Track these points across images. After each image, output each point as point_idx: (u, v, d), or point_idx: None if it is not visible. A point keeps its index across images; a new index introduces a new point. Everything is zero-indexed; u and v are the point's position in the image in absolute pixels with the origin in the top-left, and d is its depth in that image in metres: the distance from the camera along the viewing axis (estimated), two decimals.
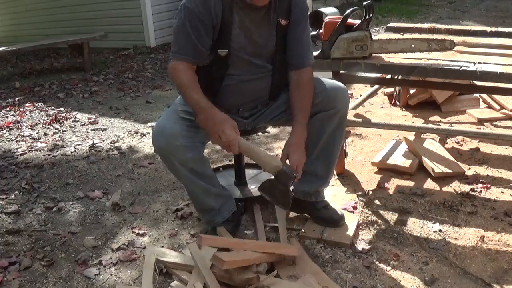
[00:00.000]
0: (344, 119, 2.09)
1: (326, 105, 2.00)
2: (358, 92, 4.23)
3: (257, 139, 3.35)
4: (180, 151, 1.88)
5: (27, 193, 2.77)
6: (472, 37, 2.78)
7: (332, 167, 2.16)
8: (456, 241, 2.06)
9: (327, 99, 2.00)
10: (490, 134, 2.67)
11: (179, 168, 1.92)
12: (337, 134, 2.08)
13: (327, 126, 2.03)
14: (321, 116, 2.01)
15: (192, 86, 1.87)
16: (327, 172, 2.14)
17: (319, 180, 2.15)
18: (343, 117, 2.07)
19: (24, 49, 6.66)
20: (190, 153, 1.90)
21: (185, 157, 1.89)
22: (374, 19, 5.75)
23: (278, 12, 1.95)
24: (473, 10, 9.41)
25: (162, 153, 1.93)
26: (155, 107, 4.37)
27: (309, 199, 2.16)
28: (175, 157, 1.89)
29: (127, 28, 7.23)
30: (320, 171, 2.13)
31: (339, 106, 2.01)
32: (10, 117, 4.42)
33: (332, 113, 2.01)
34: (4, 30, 9.80)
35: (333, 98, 2.00)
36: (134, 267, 2.01)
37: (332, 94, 2.01)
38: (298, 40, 2.01)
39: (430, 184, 2.54)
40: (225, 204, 2.10)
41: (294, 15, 1.98)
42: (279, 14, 1.96)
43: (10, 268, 2.04)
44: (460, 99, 3.59)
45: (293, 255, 1.91)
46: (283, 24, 1.97)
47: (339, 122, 2.04)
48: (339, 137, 2.10)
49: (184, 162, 1.90)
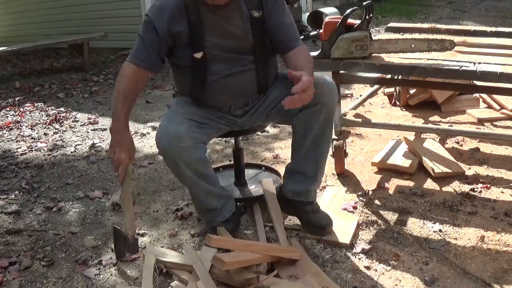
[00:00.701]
0: (331, 114, 2.03)
1: (312, 99, 1.90)
2: (358, 92, 4.23)
3: (257, 139, 3.36)
4: (186, 153, 1.87)
5: (27, 193, 2.77)
6: (472, 37, 2.78)
7: (321, 165, 2.11)
8: (456, 241, 2.06)
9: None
10: (490, 134, 2.67)
11: (184, 170, 1.91)
12: (325, 130, 2.03)
13: (314, 122, 1.99)
14: (307, 112, 1.97)
15: (123, 97, 1.90)
16: (316, 170, 2.10)
17: (309, 179, 2.11)
18: (330, 112, 2.01)
19: (24, 49, 6.67)
20: (195, 154, 1.89)
21: (191, 158, 1.88)
22: (374, 19, 5.74)
23: (249, 5, 1.95)
24: (473, 10, 9.40)
25: (167, 155, 1.91)
26: (155, 107, 4.37)
27: (298, 198, 2.13)
28: (180, 158, 1.88)
29: (127, 28, 7.21)
30: (308, 170, 2.09)
31: (325, 100, 1.95)
32: (10, 117, 4.42)
33: (318, 108, 1.95)
34: (4, 30, 9.80)
35: (320, 92, 1.92)
36: (134, 267, 2.01)
37: (319, 88, 1.92)
38: (280, 25, 1.98)
39: (430, 184, 2.54)
40: (226, 204, 2.10)
41: (268, 5, 1.96)
42: (251, 7, 1.95)
43: (10, 268, 2.04)
44: (460, 99, 3.59)
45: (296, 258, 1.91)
46: (256, 16, 1.95)
47: (326, 118, 1.99)
48: (328, 133, 2.06)
49: (189, 163, 1.90)
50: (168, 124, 1.91)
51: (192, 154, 1.88)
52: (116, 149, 1.88)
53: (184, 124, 1.90)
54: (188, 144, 1.86)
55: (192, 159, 1.89)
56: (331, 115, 2.03)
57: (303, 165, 2.09)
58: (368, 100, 3.56)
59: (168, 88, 5.03)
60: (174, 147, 1.86)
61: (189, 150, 1.87)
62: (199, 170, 1.94)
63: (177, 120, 1.92)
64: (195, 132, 1.91)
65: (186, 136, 1.86)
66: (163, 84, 5.25)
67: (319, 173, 2.14)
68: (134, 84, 1.93)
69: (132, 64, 1.93)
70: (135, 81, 1.94)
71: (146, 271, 1.84)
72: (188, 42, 1.92)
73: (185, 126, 1.89)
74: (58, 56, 7.68)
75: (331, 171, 2.71)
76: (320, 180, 2.18)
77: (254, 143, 3.31)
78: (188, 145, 1.86)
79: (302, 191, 2.12)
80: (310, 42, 2.55)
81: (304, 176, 2.11)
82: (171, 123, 1.90)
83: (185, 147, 1.86)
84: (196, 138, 1.90)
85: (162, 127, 1.91)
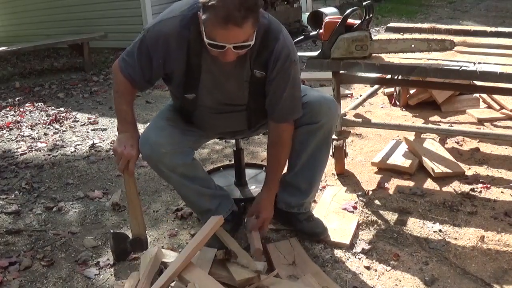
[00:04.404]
0: (329, 133, 1.99)
1: (309, 118, 1.91)
2: (358, 92, 4.23)
3: (257, 139, 3.35)
4: (167, 158, 1.85)
5: (27, 193, 2.77)
6: (472, 37, 2.78)
7: (314, 183, 2.07)
8: (456, 241, 2.06)
9: (310, 112, 1.91)
10: (490, 134, 2.67)
11: (169, 174, 1.90)
12: (322, 149, 1.99)
13: (311, 140, 1.95)
14: (305, 130, 1.93)
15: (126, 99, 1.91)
16: (309, 187, 2.06)
17: (302, 194, 2.07)
18: (328, 131, 1.97)
19: (24, 49, 6.66)
20: (179, 159, 1.87)
21: (173, 163, 1.87)
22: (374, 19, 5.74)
23: (255, 62, 1.81)
24: (473, 10, 9.41)
25: (149, 162, 1.92)
26: (155, 107, 4.37)
27: (291, 210, 2.10)
28: (162, 163, 1.87)
29: (127, 28, 7.22)
30: (302, 185, 2.05)
31: (323, 120, 1.91)
32: (10, 117, 4.42)
33: (315, 128, 1.92)
34: (4, 30, 9.80)
35: (317, 112, 1.90)
36: (134, 267, 2.01)
37: (317, 107, 1.91)
38: (277, 96, 1.85)
39: (430, 184, 2.54)
40: (222, 204, 2.07)
41: (273, 72, 1.81)
42: (256, 65, 1.81)
43: (10, 268, 2.04)
44: (460, 99, 3.59)
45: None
46: (258, 76, 1.83)
47: (323, 137, 1.96)
48: (324, 153, 2.01)
49: (173, 167, 1.88)
50: (149, 130, 1.89)
51: (174, 158, 1.86)
52: (126, 144, 1.86)
53: (165, 131, 1.87)
54: (169, 149, 1.84)
55: (175, 163, 1.87)
56: (328, 135, 1.98)
57: (297, 180, 2.05)
58: (368, 100, 3.56)
59: (168, 88, 5.03)
60: (155, 154, 1.85)
61: (170, 155, 1.85)
62: (186, 173, 1.92)
63: (159, 126, 1.90)
64: (177, 137, 1.88)
65: (166, 143, 1.84)
66: (163, 84, 5.22)
67: (313, 190, 2.10)
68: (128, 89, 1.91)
69: (122, 75, 1.88)
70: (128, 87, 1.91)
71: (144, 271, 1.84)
72: (182, 80, 1.86)
73: (167, 132, 1.87)
74: (58, 56, 7.68)
75: (331, 171, 2.71)
76: (313, 195, 2.14)
77: (254, 143, 3.31)
78: (169, 150, 1.84)
79: (294, 204, 2.09)
80: (310, 42, 2.55)
81: (297, 191, 2.07)
82: (152, 130, 1.88)
83: (165, 153, 1.84)
84: (179, 143, 1.87)
85: (143, 135, 1.89)
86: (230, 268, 1.75)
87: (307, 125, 1.92)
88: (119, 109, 1.93)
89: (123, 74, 1.88)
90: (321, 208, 2.32)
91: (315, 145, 1.97)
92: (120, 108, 1.92)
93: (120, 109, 1.92)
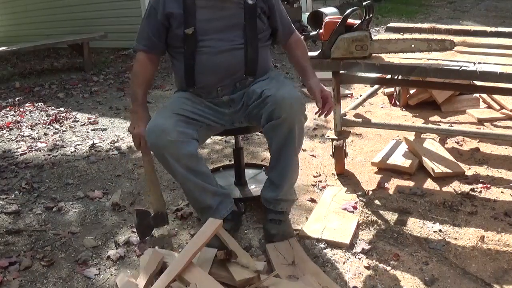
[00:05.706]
0: (293, 129, 1.94)
1: (273, 113, 1.92)
2: (358, 92, 4.23)
3: (257, 139, 3.36)
4: (173, 146, 1.89)
5: (27, 193, 2.77)
6: (472, 37, 2.78)
7: (286, 176, 2.06)
8: (456, 241, 2.06)
9: (274, 108, 1.91)
10: (490, 134, 2.67)
11: (173, 164, 1.93)
12: (288, 144, 1.98)
13: (274, 135, 1.97)
14: (270, 125, 1.95)
15: (139, 80, 2.12)
16: (281, 181, 2.07)
17: (276, 188, 2.09)
18: (291, 127, 1.94)
19: (24, 49, 6.67)
20: (184, 149, 1.91)
21: (178, 152, 1.90)
22: (374, 19, 5.74)
23: None
24: (473, 10, 9.41)
25: (155, 150, 1.95)
26: (155, 107, 4.37)
27: (267, 206, 2.13)
28: (168, 152, 1.90)
29: (127, 28, 7.20)
30: (275, 179, 2.09)
31: (284, 115, 1.90)
32: (10, 117, 4.42)
33: (277, 123, 1.92)
34: (4, 30, 9.80)
35: (280, 107, 1.90)
36: (134, 267, 2.01)
37: (279, 103, 1.90)
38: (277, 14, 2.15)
39: (430, 184, 2.54)
40: (223, 203, 2.08)
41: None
42: None
43: (10, 268, 2.04)
44: (460, 99, 3.59)
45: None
46: (250, 3, 2.04)
47: (287, 132, 1.94)
48: (290, 147, 1.99)
49: (177, 157, 1.91)
50: (156, 119, 1.97)
51: (180, 148, 1.90)
52: (136, 124, 2.06)
53: (171, 119, 1.94)
54: (175, 138, 1.89)
55: (181, 153, 1.91)
56: (292, 130, 1.95)
57: (271, 174, 2.11)
58: (368, 100, 3.57)
59: (168, 88, 5.03)
60: (161, 141, 1.89)
61: (176, 144, 1.89)
62: (190, 165, 1.94)
63: (164, 115, 1.97)
64: (183, 126, 1.94)
65: (172, 130, 1.89)
66: (163, 84, 5.24)
67: (285, 184, 2.09)
68: (146, 67, 2.12)
69: (141, 52, 2.11)
70: (147, 66, 2.12)
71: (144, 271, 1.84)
72: (182, 21, 2.02)
73: (172, 120, 1.94)
74: (58, 56, 7.68)
75: (331, 171, 2.71)
76: (288, 192, 2.13)
77: (254, 143, 3.31)
78: (175, 138, 1.89)
79: (271, 200, 2.12)
80: (310, 42, 2.55)
81: (272, 184, 2.11)
82: (159, 118, 1.96)
83: (172, 141, 1.88)
84: (185, 133, 1.92)
85: (150, 123, 1.98)
86: (230, 268, 1.76)
87: (272, 121, 1.95)
88: (132, 91, 2.16)
89: (138, 49, 2.12)
90: (321, 208, 2.32)
91: (279, 140, 1.98)
92: (133, 90, 2.14)
93: (133, 90, 2.14)
